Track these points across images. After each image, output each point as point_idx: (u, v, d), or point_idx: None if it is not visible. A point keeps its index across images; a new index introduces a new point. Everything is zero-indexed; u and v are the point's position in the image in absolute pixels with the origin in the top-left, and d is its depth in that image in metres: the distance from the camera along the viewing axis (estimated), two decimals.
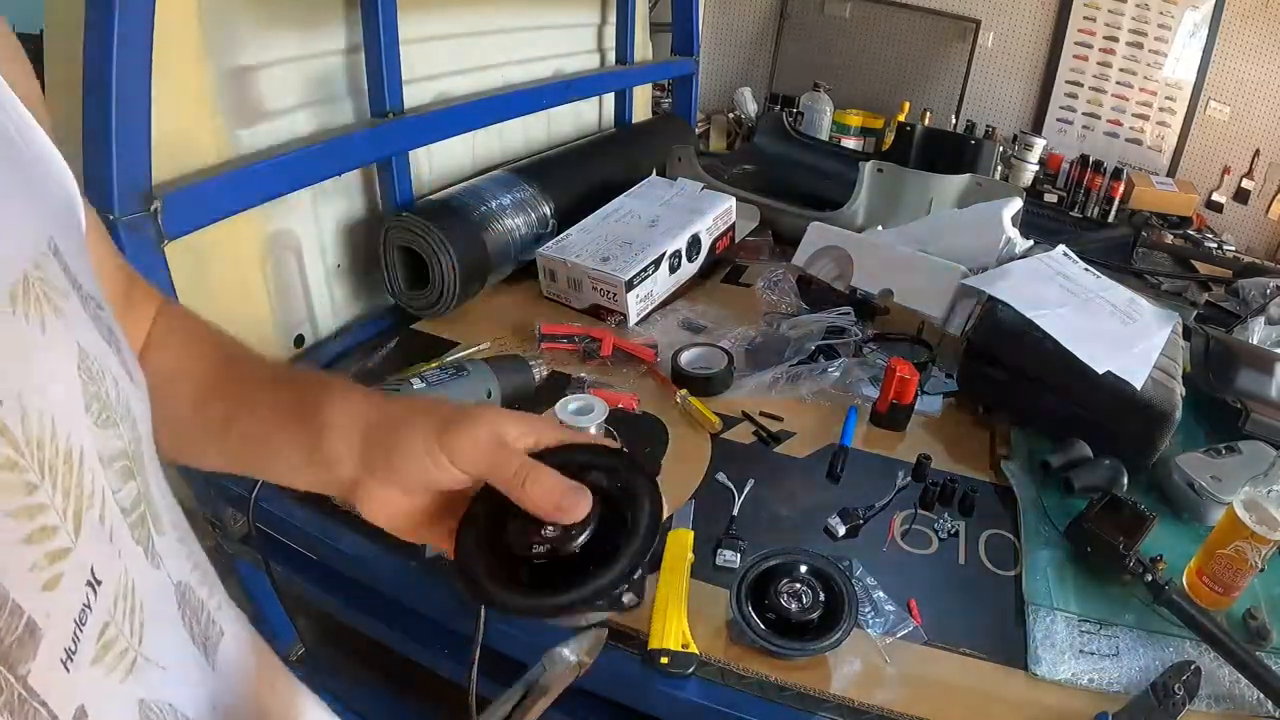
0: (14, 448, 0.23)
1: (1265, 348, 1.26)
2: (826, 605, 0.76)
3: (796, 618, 0.75)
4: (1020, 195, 1.42)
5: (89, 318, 0.29)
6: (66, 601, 0.24)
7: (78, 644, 0.24)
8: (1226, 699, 0.73)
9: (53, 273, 0.28)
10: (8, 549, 0.22)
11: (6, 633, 0.21)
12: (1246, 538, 0.78)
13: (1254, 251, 2.64)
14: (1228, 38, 2.69)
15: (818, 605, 0.76)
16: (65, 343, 0.27)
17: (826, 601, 0.76)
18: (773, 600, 0.76)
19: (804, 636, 0.74)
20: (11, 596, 0.22)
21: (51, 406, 0.25)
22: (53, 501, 0.24)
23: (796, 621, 0.75)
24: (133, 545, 0.29)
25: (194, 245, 0.95)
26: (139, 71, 0.82)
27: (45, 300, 0.26)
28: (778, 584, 0.77)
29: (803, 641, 0.73)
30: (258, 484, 0.92)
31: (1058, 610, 0.80)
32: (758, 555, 0.81)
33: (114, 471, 0.28)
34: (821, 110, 2.96)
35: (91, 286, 0.31)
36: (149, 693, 0.28)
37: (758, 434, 1.07)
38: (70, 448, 0.25)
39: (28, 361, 0.25)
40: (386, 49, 1.19)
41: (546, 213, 1.46)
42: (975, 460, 1.04)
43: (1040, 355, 1.01)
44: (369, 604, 1.00)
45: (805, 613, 0.75)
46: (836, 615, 0.74)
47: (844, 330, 1.25)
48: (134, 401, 0.31)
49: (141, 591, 0.28)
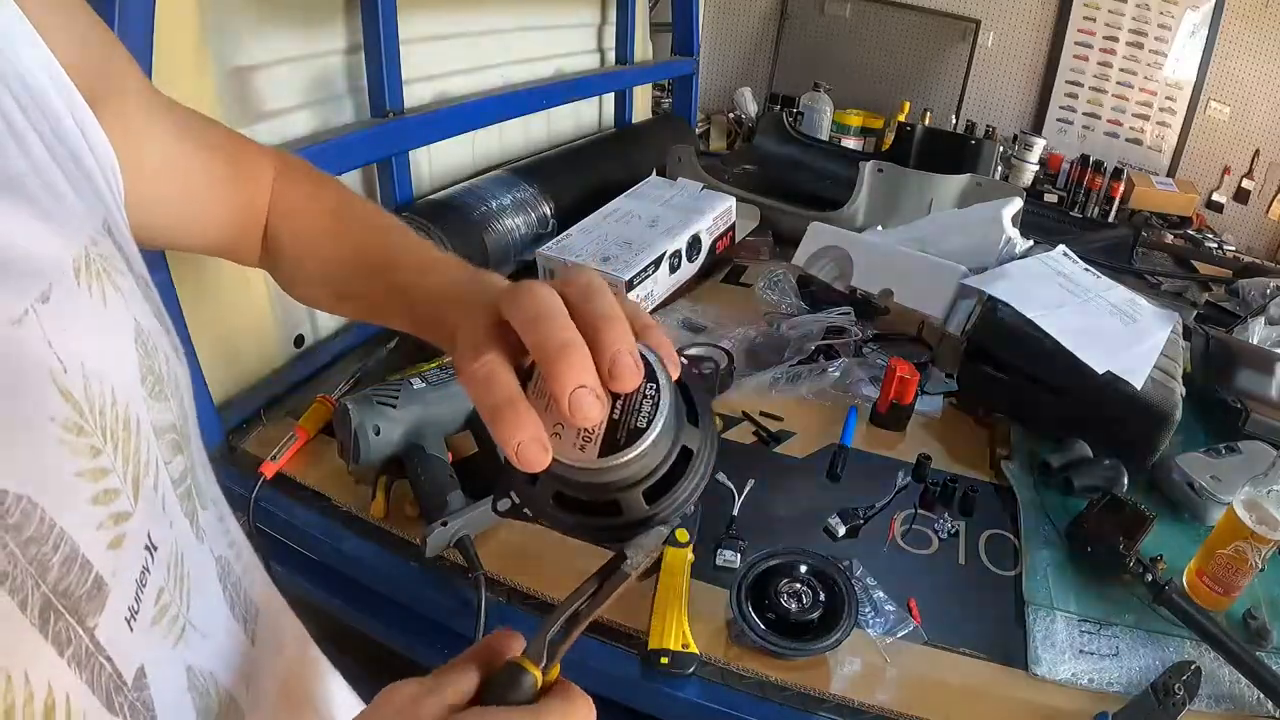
0: (79, 413, 0.24)
1: (1265, 348, 1.26)
2: (827, 605, 0.76)
3: (796, 618, 0.75)
4: (1020, 195, 1.42)
5: (143, 296, 0.30)
6: (129, 561, 0.25)
7: (139, 605, 0.25)
8: (1226, 699, 0.73)
9: (109, 250, 0.29)
10: (78, 508, 0.23)
11: (77, 585, 0.22)
12: (1246, 538, 0.78)
13: (1254, 251, 2.64)
14: (1228, 38, 2.69)
15: (818, 605, 0.76)
16: (124, 317, 0.28)
17: (827, 601, 0.76)
18: (773, 600, 0.76)
19: (804, 637, 0.74)
20: (82, 551, 0.23)
21: (112, 376, 0.26)
22: (114, 466, 0.25)
23: (796, 621, 0.75)
24: (181, 517, 0.30)
25: None
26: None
27: (105, 276, 0.27)
28: (778, 584, 0.77)
29: (802, 641, 0.73)
30: (258, 483, 0.92)
31: (1058, 610, 0.80)
32: (758, 555, 0.81)
33: (165, 444, 0.29)
34: (821, 110, 2.96)
35: (141, 266, 0.32)
36: (196, 660, 0.28)
37: (758, 434, 1.07)
38: (129, 416, 0.26)
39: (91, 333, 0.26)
40: (386, 49, 1.19)
41: (546, 213, 1.46)
42: (975, 460, 1.04)
43: (1040, 355, 1.01)
44: (369, 604, 1.00)
45: (805, 613, 0.75)
46: (836, 615, 0.74)
47: (844, 330, 1.25)
48: (181, 377, 0.32)
49: (189, 562, 0.29)
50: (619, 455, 0.31)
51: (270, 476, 0.93)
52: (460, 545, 0.81)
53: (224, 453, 1.01)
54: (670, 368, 0.33)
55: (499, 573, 0.82)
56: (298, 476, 0.96)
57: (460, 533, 0.81)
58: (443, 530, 0.80)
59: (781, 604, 0.75)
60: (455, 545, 0.81)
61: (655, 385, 0.32)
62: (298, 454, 0.97)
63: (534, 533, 0.89)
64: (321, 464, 0.97)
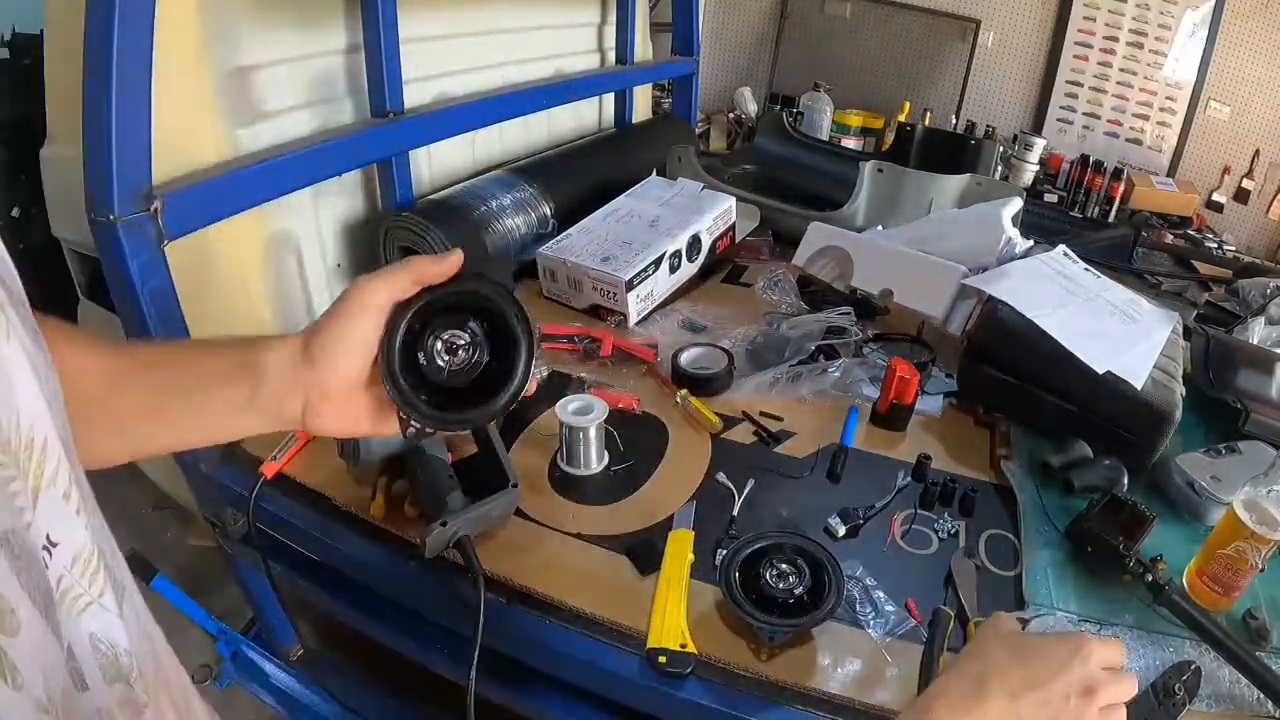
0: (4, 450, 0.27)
1: (1265, 348, 1.26)
2: (813, 586, 0.78)
3: (783, 597, 0.76)
4: (1020, 195, 1.42)
5: (21, 318, 0.32)
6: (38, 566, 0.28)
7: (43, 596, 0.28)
8: (1226, 699, 0.73)
9: None
10: None
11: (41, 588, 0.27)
12: (1246, 538, 0.78)
13: (1254, 251, 2.64)
14: (1228, 37, 2.68)
15: (802, 584, 0.77)
16: (19, 349, 0.30)
17: (813, 583, 0.78)
18: (764, 582, 0.77)
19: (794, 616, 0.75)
20: None
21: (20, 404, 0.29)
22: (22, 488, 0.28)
23: (783, 601, 0.76)
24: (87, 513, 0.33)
25: (194, 245, 0.95)
26: (139, 71, 0.82)
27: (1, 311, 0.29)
28: (766, 566, 0.79)
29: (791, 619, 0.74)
30: (258, 483, 0.92)
31: (1058, 610, 0.80)
32: (746, 537, 0.82)
33: (67, 452, 0.32)
34: (821, 110, 2.96)
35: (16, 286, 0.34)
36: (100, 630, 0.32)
37: (758, 434, 1.07)
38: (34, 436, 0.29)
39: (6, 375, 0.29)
40: (386, 49, 1.19)
41: (546, 213, 1.46)
42: (975, 460, 1.04)
43: (1040, 355, 1.01)
44: (369, 604, 1.00)
45: (791, 590, 0.76)
46: (823, 594, 0.76)
47: (844, 330, 1.24)
48: (57, 389, 0.35)
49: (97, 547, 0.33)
50: None
51: (270, 476, 0.93)
52: (459, 545, 0.81)
53: (224, 453, 1.01)
54: None
55: (498, 573, 0.82)
56: (298, 476, 0.96)
57: (460, 533, 0.81)
58: (442, 530, 0.80)
59: (768, 581, 0.77)
60: (455, 545, 0.81)
61: None
62: (298, 454, 0.98)
63: (534, 533, 0.89)
64: (321, 464, 0.97)
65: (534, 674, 0.84)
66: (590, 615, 0.79)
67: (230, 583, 1.24)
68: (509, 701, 0.90)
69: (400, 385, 0.51)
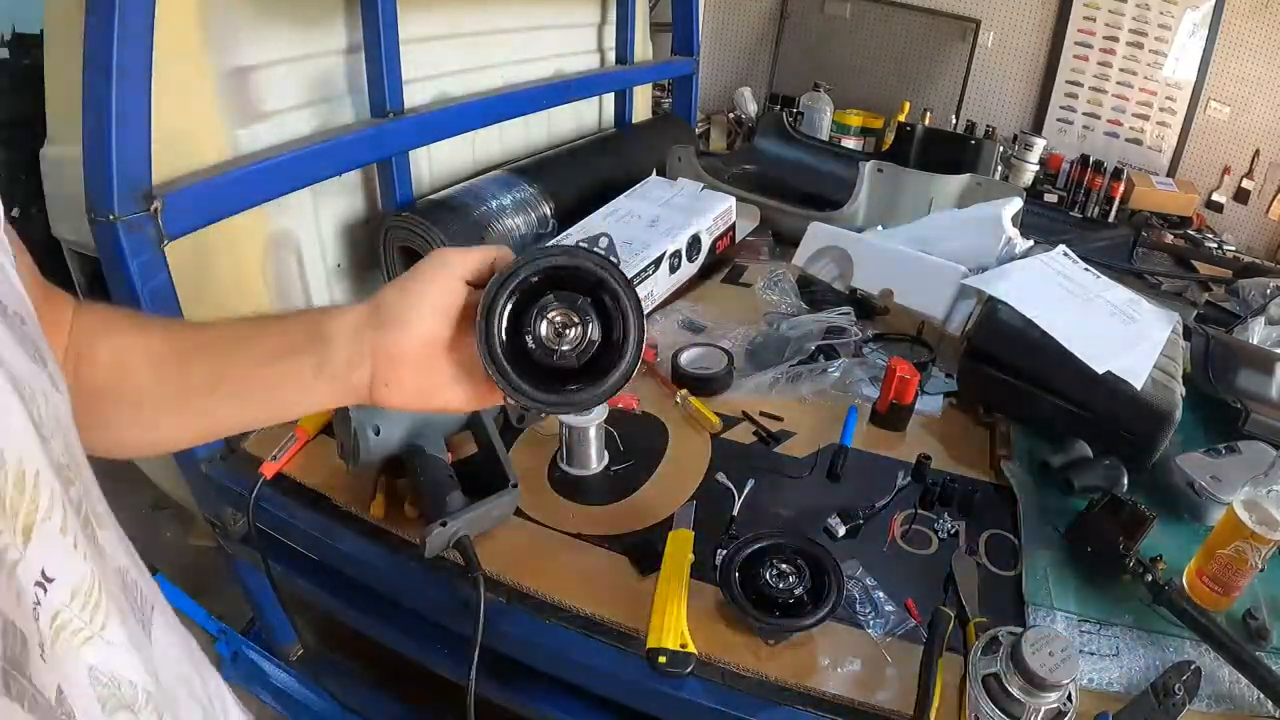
0: None
1: (1265, 348, 1.26)
2: (814, 586, 0.78)
3: (783, 597, 0.76)
4: (1020, 195, 1.42)
5: (15, 339, 0.31)
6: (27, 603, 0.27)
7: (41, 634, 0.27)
8: (1226, 699, 0.73)
9: None
10: None
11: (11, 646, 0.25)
12: (1246, 538, 0.78)
13: (1254, 251, 2.64)
14: (1228, 38, 2.68)
15: (802, 585, 0.78)
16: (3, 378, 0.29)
17: (814, 583, 0.78)
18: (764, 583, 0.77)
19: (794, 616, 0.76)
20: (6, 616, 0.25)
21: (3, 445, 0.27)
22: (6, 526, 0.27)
23: (783, 601, 0.76)
24: (86, 542, 0.32)
25: (194, 245, 0.95)
26: (139, 71, 0.82)
27: None
28: (764, 566, 0.79)
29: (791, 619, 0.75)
30: (258, 483, 0.92)
31: (1058, 610, 0.80)
32: (746, 537, 0.82)
33: (62, 480, 0.31)
34: (821, 110, 2.96)
35: (15, 301, 0.32)
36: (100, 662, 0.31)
37: (758, 434, 1.07)
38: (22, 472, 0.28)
39: None
40: (386, 49, 1.19)
41: (546, 213, 1.46)
42: (975, 460, 1.04)
43: (1040, 355, 1.01)
44: (369, 604, 1.00)
45: (791, 590, 0.77)
46: (823, 595, 0.76)
47: (844, 330, 1.24)
48: (61, 410, 0.33)
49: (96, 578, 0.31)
50: None
51: (270, 477, 0.93)
52: (459, 545, 0.81)
53: (224, 453, 1.01)
54: None
55: (498, 573, 0.82)
56: (297, 476, 0.96)
57: (460, 533, 0.81)
58: (442, 530, 0.80)
59: (769, 584, 0.77)
60: (454, 545, 0.81)
61: None
62: (298, 454, 0.98)
63: (534, 533, 0.89)
64: (321, 464, 0.97)
65: (534, 674, 0.84)
66: (590, 615, 0.79)
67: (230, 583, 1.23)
68: (509, 701, 0.90)
69: (501, 362, 0.46)
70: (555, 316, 0.48)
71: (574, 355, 0.48)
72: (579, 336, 0.48)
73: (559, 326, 0.48)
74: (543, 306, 0.48)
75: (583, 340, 0.48)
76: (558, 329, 0.48)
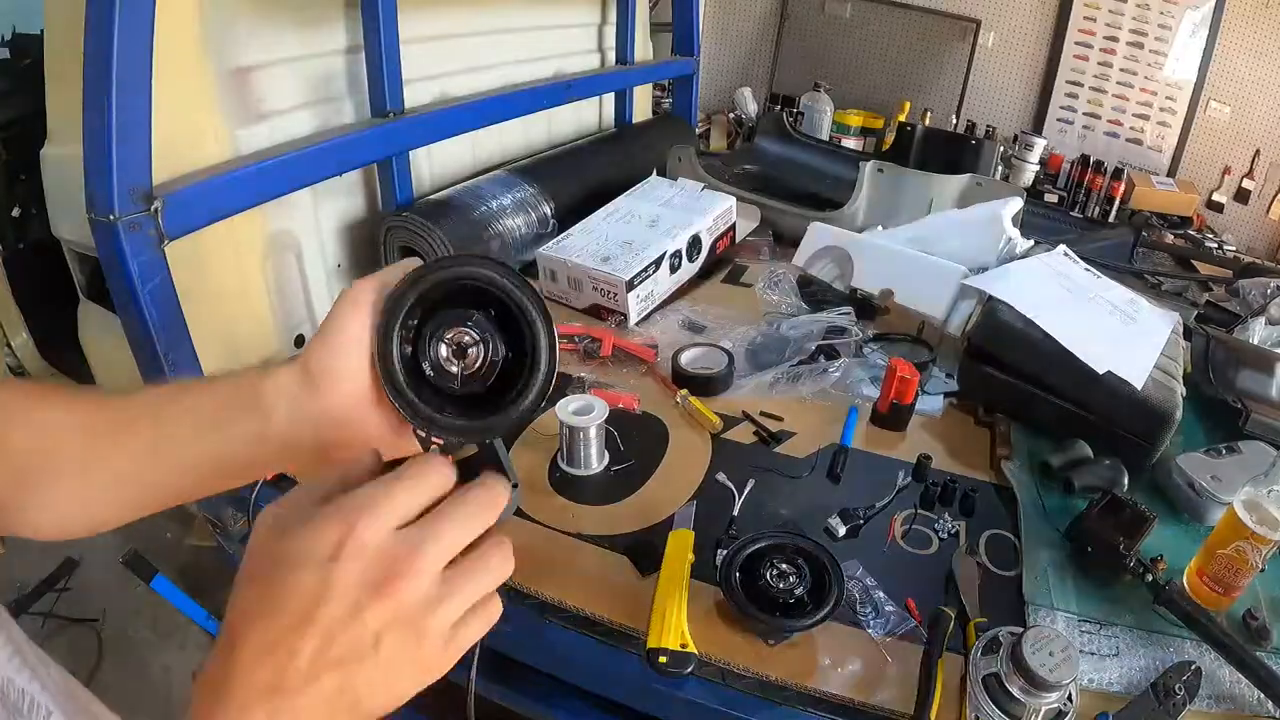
0: None
1: (1265, 348, 1.26)
2: (814, 587, 0.78)
3: (783, 597, 0.76)
4: (1020, 195, 1.42)
5: None
6: None
7: None
8: (1226, 699, 0.73)
9: None
10: None
11: None
12: (1247, 538, 0.77)
13: (1254, 251, 2.64)
14: (1228, 38, 2.69)
15: (802, 585, 0.78)
16: None
17: (814, 583, 0.78)
18: (764, 583, 0.77)
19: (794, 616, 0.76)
20: None
21: None
22: None
23: (784, 601, 0.76)
24: None
25: (194, 245, 0.95)
26: (139, 71, 0.82)
27: None
28: (764, 566, 0.79)
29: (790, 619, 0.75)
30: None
31: (1058, 610, 0.80)
32: (746, 537, 0.82)
33: None
34: (821, 110, 2.96)
35: None
36: None
37: (758, 434, 1.07)
38: None
39: None
40: (387, 49, 1.19)
41: (547, 213, 1.46)
42: (975, 460, 1.04)
43: (1040, 355, 1.01)
44: None
45: (791, 590, 0.77)
46: (824, 595, 0.76)
47: (844, 330, 1.24)
48: None
49: None
50: None
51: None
52: None
53: None
54: None
55: None
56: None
57: None
58: None
59: (769, 584, 0.77)
60: None
61: None
62: None
63: (534, 533, 0.89)
64: None
65: (534, 674, 0.84)
66: (590, 615, 0.79)
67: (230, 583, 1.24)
68: (509, 702, 0.90)
69: (405, 394, 0.43)
70: (449, 336, 0.44)
71: (486, 376, 0.44)
72: (479, 356, 0.44)
73: (457, 349, 0.44)
74: (437, 329, 0.44)
75: (486, 359, 0.44)
76: (457, 350, 0.44)
